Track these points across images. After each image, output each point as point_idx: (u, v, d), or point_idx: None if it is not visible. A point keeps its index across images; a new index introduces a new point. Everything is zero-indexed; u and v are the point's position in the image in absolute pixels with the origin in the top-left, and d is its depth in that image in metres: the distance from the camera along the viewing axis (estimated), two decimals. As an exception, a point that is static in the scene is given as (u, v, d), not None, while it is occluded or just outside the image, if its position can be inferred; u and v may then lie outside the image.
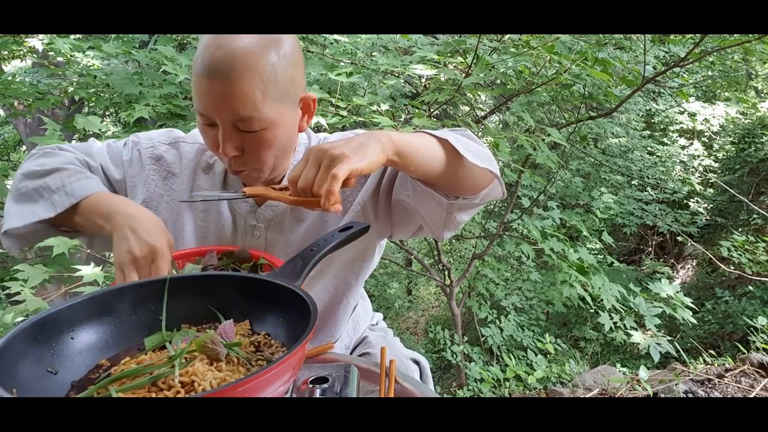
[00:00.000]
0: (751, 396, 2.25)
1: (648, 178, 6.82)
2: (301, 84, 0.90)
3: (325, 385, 0.71)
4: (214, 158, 1.01)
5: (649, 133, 7.42)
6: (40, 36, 2.81)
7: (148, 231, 0.81)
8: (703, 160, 7.33)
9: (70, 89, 2.80)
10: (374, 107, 2.61)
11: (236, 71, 0.79)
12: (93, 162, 0.98)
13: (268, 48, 0.81)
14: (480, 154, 0.85)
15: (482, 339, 4.09)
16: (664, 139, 7.48)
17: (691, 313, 2.82)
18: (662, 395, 2.35)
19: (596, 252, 4.92)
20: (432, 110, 3.09)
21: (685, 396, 2.31)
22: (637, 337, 2.90)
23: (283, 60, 0.83)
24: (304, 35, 2.85)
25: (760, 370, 2.46)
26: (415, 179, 0.89)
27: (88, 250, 1.08)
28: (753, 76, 7.08)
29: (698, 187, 6.96)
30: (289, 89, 0.86)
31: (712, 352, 3.00)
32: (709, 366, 2.66)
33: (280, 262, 0.82)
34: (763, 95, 7.63)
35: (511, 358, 3.27)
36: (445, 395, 3.72)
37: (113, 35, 2.81)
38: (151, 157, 1.01)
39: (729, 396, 2.28)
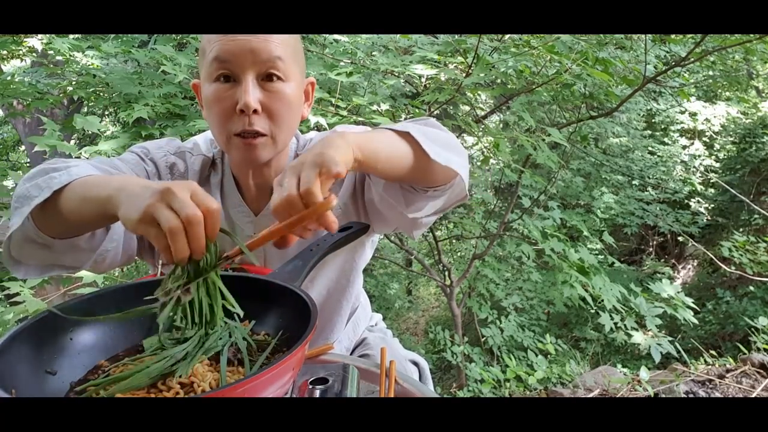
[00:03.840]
0: (752, 396, 2.25)
1: (649, 177, 6.82)
2: (305, 68, 0.96)
3: (325, 386, 0.71)
4: (210, 170, 1.01)
5: (650, 132, 7.42)
6: (40, 36, 2.81)
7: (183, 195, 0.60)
8: (704, 159, 7.32)
9: (69, 89, 2.79)
10: (374, 107, 2.61)
11: None
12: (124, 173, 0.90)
13: None
14: (448, 143, 0.83)
15: (482, 339, 4.08)
16: (665, 139, 7.47)
17: (692, 313, 2.82)
18: (663, 396, 2.35)
19: (597, 252, 4.91)
20: (432, 110, 3.09)
21: (686, 396, 2.31)
22: (637, 337, 2.89)
23: (296, 38, 0.92)
24: (304, 35, 2.85)
25: (761, 371, 2.45)
26: (379, 182, 0.88)
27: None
28: (754, 76, 7.07)
29: (699, 187, 6.96)
30: (302, 61, 0.93)
31: (713, 352, 2.99)
32: (710, 366, 2.66)
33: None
34: (764, 95, 7.62)
35: (511, 359, 3.27)
36: (445, 396, 3.72)
37: (112, 35, 2.81)
38: (167, 165, 0.99)
39: (730, 396, 2.28)
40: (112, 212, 0.63)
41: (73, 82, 2.78)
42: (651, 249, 7.59)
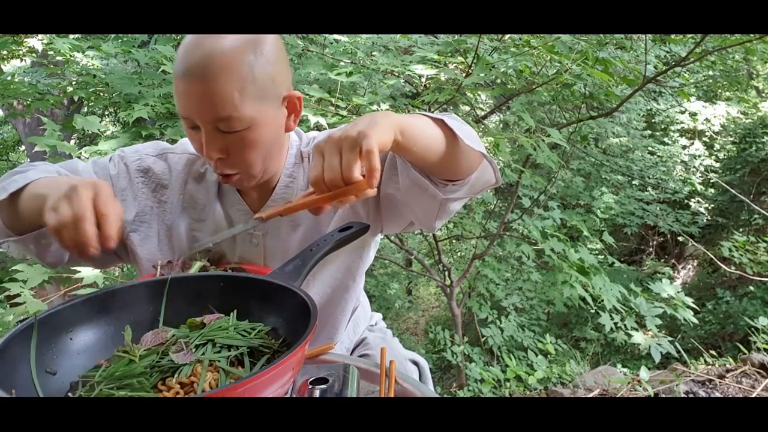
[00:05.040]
0: (752, 396, 2.25)
1: (649, 177, 6.82)
2: (284, 82, 0.89)
3: (325, 386, 0.71)
4: (206, 166, 1.00)
5: (650, 132, 7.41)
6: (40, 36, 2.81)
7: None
8: (704, 159, 7.32)
9: (69, 89, 2.79)
10: (374, 107, 2.61)
11: (212, 71, 0.79)
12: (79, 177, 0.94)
13: (245, 47, 0.81)
14: (470, 135, 0.84)
15: (482, 339, 4.08)
16: (665, 139, 7.47)
17: (692, 313, 2.82)
18: (663, 396, 2.35)
19: (597, 252, 4.91)
20: (432, 110, 3.09)
21: (686, 396, 2.31)
22: (637, 337, 2.89)
23: (261, 59, 0.83)
24: (304, 35, 2.85)
25: (761, 371, 2.45)
26: (410, 165, 0.86)
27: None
28: (754, 76, 7.07)
29: (699, 187, 6.96)
30: (270, 88, 0.85)
31: (713, 352, 2.99)
32: (710, 366, 2.66)
33: None
34: (764, 95, 7.62)
35: (511, 359, 3.26)
36: (445, 396, 3.72)
37: (112, 35, 2.81)
38: (139, 169, 0.99)
39: (730, 396, 2.28)
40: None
41: (73, 83, 2.78)
42: (651, 249, 7.59)
